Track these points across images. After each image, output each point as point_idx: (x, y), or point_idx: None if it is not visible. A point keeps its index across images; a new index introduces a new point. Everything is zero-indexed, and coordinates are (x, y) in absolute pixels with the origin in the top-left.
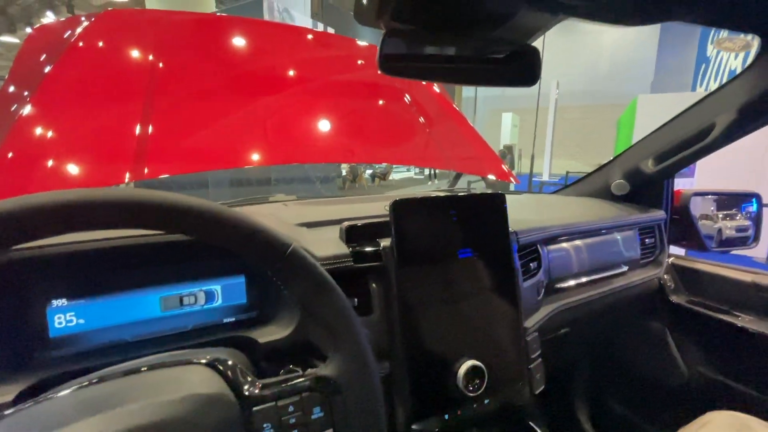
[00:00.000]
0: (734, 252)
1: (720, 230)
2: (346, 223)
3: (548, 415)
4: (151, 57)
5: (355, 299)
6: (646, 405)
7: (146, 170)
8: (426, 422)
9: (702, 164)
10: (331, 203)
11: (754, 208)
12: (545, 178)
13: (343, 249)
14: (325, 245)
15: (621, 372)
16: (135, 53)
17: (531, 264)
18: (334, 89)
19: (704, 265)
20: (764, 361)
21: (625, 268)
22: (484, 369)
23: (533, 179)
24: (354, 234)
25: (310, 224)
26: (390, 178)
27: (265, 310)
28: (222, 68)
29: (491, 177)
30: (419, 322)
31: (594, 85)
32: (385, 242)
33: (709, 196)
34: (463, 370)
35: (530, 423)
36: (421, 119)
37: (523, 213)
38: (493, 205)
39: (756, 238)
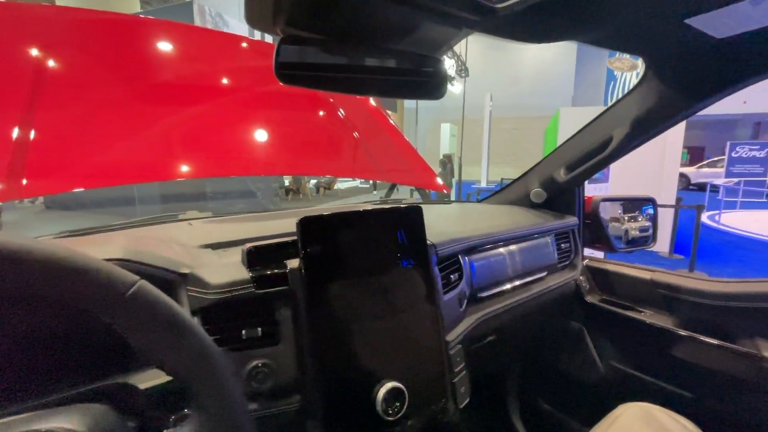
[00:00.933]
0: (647, 248)
1: (626, 231)
2: (248, 245)
3: (480, 419)
4: (37, 55)
5: (259, 329)
6: (569, 401)
7: (25, 185)
8: None
9: (616, 172)
10: (247, 220)
11: (652, 211)
12: (483, 184)
13: (243, 274)
14: (224, 270)
15: (546, 372)
16: (18, 50)
17: (452, 276)
18: (254, 98)
19: (613, 266)
20: (664, 353)
21: (544, 273)
22: (405, 390)
23: (473, 186)
24: (257, 256)
25: (216, 245)
26: (335, 187)
27: None
28: (125, 73)
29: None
30: (332, 348)
31: (524, 98)
32: (292, 264)
33: (616, 202)
34: (381, 394)
35: None
36: (354, 132)
37: (446, 224)
38: (409, 219)
39: (654, 238)
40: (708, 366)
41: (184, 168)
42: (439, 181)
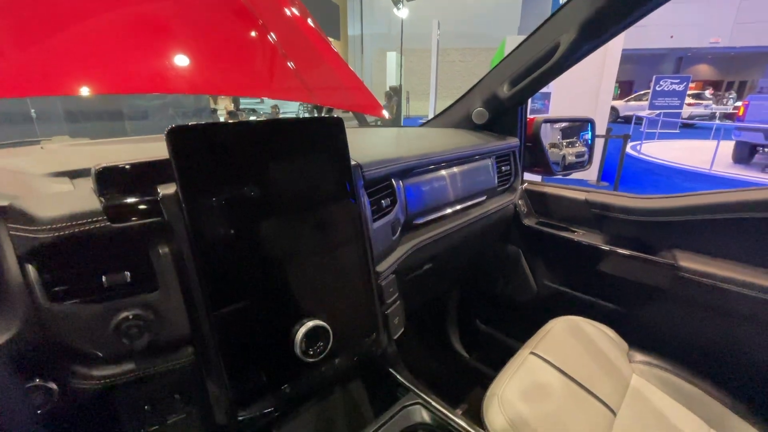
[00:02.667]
0: (576, 177)
1: (564, 156)
2: (99, 165)
3: (419, 346)
4: None
5: (127, 273)
6: (506, 321)
7: None
8: (257, 405)
9: (553, 108)
10: (129, 142)
11: (589, 135)
12: (431, 117)
13: (91, 204)
14: (62, 200)
15: (483, 295)
16: None
17: (383, 201)
18: None
19: (550, 188)
20: (593, 269)
21: (483, 198)
22: (328, 328)
23: (420, 121)
24: (113, 180)
25: (74, 173)
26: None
27: None
28: None
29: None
30: (231, 290)
31: (471, 27)
32: (166, 189)
33: (557, 124)
34: (300, 334)
35: (390, 369)
36: (279, 49)
37: (378, 146)
38: (327, 134)
39: (590, 160)
40: (631, 278)
41: (68, 82)
42: (386, 113)
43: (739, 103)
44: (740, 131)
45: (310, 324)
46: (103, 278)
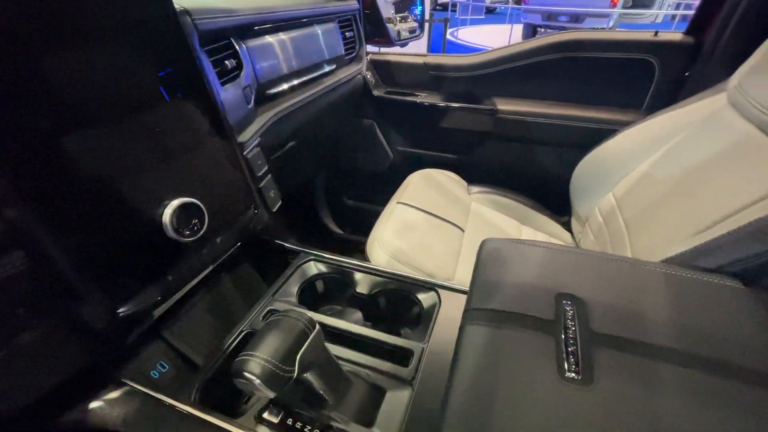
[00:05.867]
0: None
1: (399, 32)
2: None
3: (296, 229)
4: None
5: None
6: (369, 191)
7: None
8: (138, 299)
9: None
10: None
11: (419, 10)
12: None
13: None
14: None
15: (346, 172)
16: None
17: (227, 62)
18: None
19: (393, 56)
20: (436, 126)
21: (333, 66)
22: (199, 203)
23: None
24: None
25: None
26: None
27: None
28: None
29: None
30: (63, 178)
31: None
32: None
33: None
34: (167, 216)
35: (276, 241)
36: None
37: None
38: None
39: (422, 29)
40: (465, 128)
41: None
42: None
43: None
44: (526, 14)
45: (176, 203)
46: None
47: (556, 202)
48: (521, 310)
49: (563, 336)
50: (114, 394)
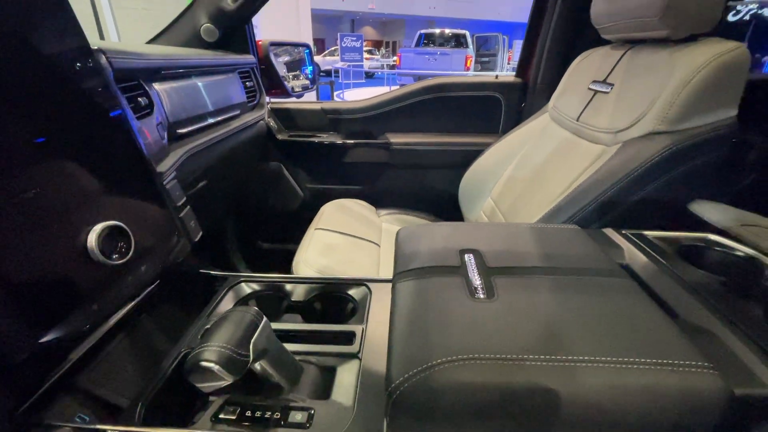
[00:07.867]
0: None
1: (293, 88)
2: None
3: (215, 260)
4: None
5: None
6: (284, 231)
7: None
8: (61, 327)
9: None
10: None
11: (309, 69)
12: None
13: None
14: None
15: (260, 212)
16: None
17: (140, 99)
18: None
19: (291, 104)
20: (339, 163)
21: (237, 112)
22: (124, 227)
23: None
24: None
25: None
26: None
27: None
28: None
29: None
30: None
31: None
32: None
33: (282, 48)
34: (92, 240)
35: (201, 270)
36: None
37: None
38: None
39: (314, 83)
40: (365, 161)
41: None
42: None
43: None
44: (400, 77)
45: (99, 227)
46: None
47: (450, 213)
48: (436, 263)
49: (468, 274)
50: None
